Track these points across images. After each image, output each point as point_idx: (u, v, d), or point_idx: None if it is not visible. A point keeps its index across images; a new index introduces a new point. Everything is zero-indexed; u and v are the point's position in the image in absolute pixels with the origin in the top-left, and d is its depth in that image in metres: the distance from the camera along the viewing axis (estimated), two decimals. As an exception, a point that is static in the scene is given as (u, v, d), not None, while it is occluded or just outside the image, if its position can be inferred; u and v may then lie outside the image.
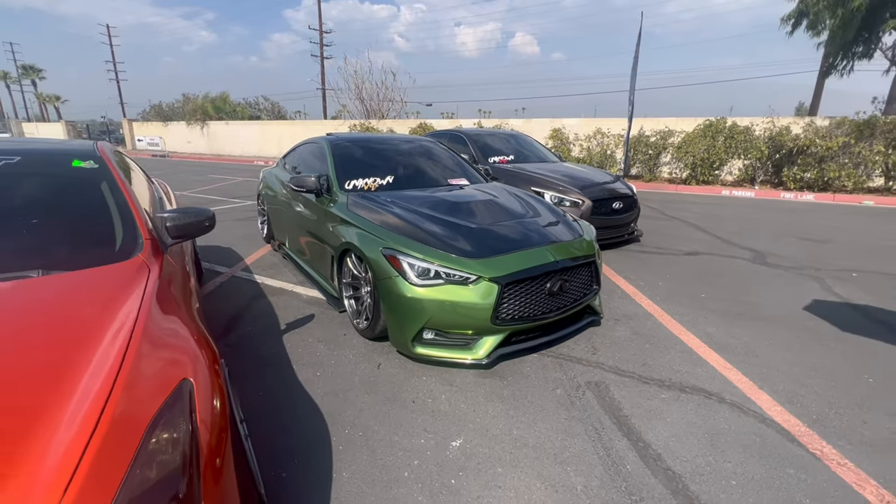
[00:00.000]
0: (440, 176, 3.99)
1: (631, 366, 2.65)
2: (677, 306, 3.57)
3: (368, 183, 3.58)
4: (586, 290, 2.89)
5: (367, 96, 20.45)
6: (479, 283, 2.45)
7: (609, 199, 5.13)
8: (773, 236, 6.13)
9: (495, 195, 3.52)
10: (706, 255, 5.17)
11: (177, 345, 1.40)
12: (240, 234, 5.88)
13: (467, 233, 2.76)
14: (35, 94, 56.07)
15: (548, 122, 14.57)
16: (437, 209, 3.08)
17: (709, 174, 11.48)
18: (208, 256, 4.79)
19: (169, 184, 4.16)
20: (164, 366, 1.26)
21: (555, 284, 2.63)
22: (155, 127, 26.13)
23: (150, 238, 1.88)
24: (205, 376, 1.25)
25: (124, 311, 1.40)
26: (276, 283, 4.01)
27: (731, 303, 3.67)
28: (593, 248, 3.01)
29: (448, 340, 2.54)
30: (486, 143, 6.46)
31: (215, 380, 1.30)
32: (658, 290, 3.96)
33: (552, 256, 2.67)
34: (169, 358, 1.32)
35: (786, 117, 11.56)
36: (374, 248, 2.68)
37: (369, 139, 4.37)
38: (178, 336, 1.44)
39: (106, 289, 1.55)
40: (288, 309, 3.45)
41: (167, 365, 1.26)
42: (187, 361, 1.31)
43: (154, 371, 1.21)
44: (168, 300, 1.63)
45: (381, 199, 3.21)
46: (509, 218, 3.07)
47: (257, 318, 3.28)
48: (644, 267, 4.65)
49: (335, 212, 3.22)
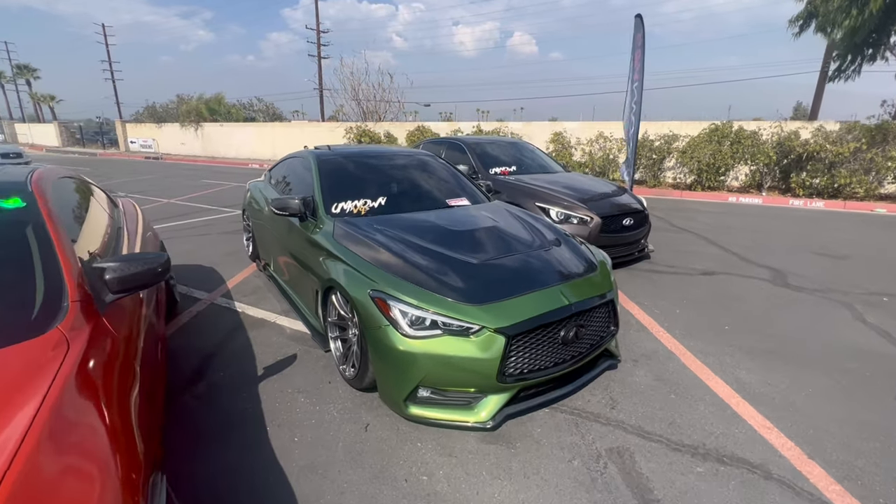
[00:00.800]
0: (439, 196, 3.64)
1: (657, 425, 2.30)
2: (700, 342, 3.23)
3: (358, 206, 3.22)
4: (603, 332, 2.54)
5: (363, 97, 20.07)
6: (483, 333, 2.10)
7: (619, 215, 4.79)
8: (789, 251, 5.80)
9: (498, 220, 3.16)
10: (722, 274, 4.83)
11: (84, 469, 1.05)
12: (225, 251, 5.53)
13: (468, 270, 2.41)
14: (29, 93, 55.45)
15: (548, 125, 14.24)
16: (435, 240, 2.73)
17: (714, 180, 11.16)
18: (187, 278, 4.43)
19: (157, 190, 3.81)
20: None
21: (569, 331, 2.28)
22: (148, 129, 25.70)
23: (79, 300, 1.52)
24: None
25: (14, 418, 1.05)
26: (257, 313, 3.65)
27: (759, 337, 3.33)
28: (610, 283, 2.66)
29: (446, 399, 2.19)
30: (487, 153, 6.11)
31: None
32: (676, 319, 3.62)
33: (566, 298, 2.32)
34: (67, 495, 0.97)
35: (794, 122, 11.25)
36: (362, 290, 2.32)
37: (360, 153, 4.01)
38: (90, 454, 1.08)
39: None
40: (268, 347, 3.10)
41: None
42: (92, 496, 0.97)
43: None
44: (91, 390, 1.28)
45: (372, 228, 2.85)
46: (515, 249, 2.71)
47: (232, 360, 2.93)
48: (658, 290, 4.30)
49: (320, 241, 2.86)
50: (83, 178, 2.85)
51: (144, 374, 1.68)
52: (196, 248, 5.67)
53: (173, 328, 3.36)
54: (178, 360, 2.89)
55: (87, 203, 2.53)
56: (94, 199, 2.67)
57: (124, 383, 1.46)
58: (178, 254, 5.30)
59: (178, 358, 2.93)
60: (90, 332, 1.45)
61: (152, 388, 1.82)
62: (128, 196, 5.26)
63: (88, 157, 23.64)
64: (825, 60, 16.95)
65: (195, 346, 3.10)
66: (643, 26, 6.59)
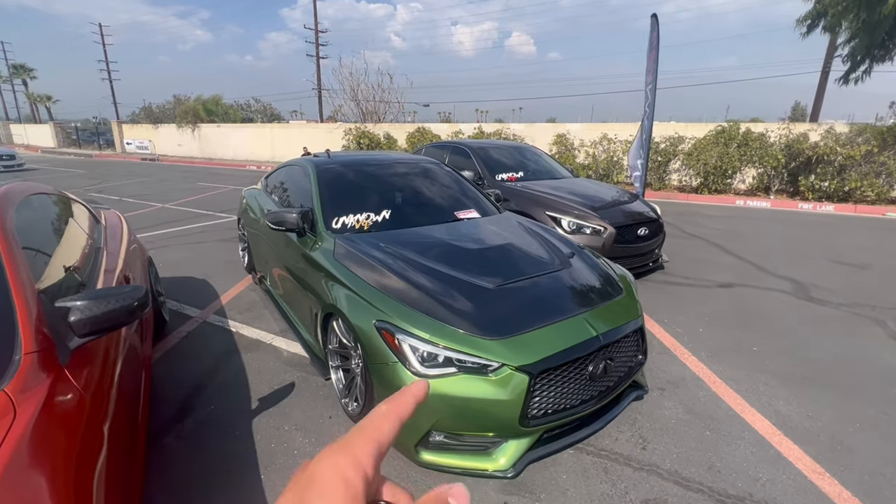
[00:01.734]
0: (446, 207, 3.40)
1: (695, 470, 2.07)
2: (729, 367, 3.00)
3: (360, 220, 2.98)
4: (631, 362, 2.31)
5: (362, 98, 19.82)
6: (503, 372, 1.87)
7: (633, 224, 4.56)
8: (806, 260, 5.58)
9: (512, 236, 2.93)
10: (741, 286, 4.60)
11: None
12: (221, 260, 5.28)
13: (484, 297, 2.17)
14: (26, 94, 55.01)
15: (551, 126, 14.02)
16: (445, 260, 2.49)
17: (721, 182, 10.95)
18: (179, 293, 4.19)
19: (152, 193, 3.56)
20: None
21: (598, 366, 2.05)
22: (145, 129, 25.41)
23: (35, 350, 1.28)
24: None
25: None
26: (252, 333, 3.41)
27: (790, 360, 3.10)
28: (638, 308, 2.43)
29: (462, 444, 1.96)
30: (493, 158, 5.88)
31: None
32: (701, 339, 3.39)
33: (593, 328, 2.09)
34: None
35: (802, 123, 11.05)
36: (367, 319, 2.09)
37: (362, 161, 3.77)
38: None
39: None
40: (263, 374, 2.86)
41: None
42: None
43: None
44: (42, 469, 1.05)
45: (376, 247, 2.61)
46: (533, 270, 2.47)
47: (224, 390, 2.69)
48: (677, 305, 4.07)
49: (320, 260, 2.63)
50: (62, 194, 2.59)
51: (118, 431, 1.44)
52: (190, 257, 5.43)
53: (160, 352, 3.12)
54: (163, 392, 2.65)
55: (62, 223, 2.28)
56: (71, 218, 2.42)
57: (89, 452, 1.22)
58: (170, 264, 5.06)
59: (164, 389, 2.69)
60: (47, 392, 1.21)
61: (129, 444, 1.59)
62: (122, 200, 5.03)
63: (84, 159, 23.33)
64: (826, 60, 16.77)
65: (183, 374, 2.86)
66: (658, 25, 6.36)
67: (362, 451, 0.29)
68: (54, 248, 2.00)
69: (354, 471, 0.28)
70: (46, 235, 2.07)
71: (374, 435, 0.30)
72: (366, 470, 0.28)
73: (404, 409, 0.33)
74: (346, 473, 0.28)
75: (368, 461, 0.29)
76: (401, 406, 0.33)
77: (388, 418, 0.32)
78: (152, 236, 6.49)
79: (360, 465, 0.28)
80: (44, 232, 2.07)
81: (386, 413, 0.32)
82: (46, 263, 1.80)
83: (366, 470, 0.28)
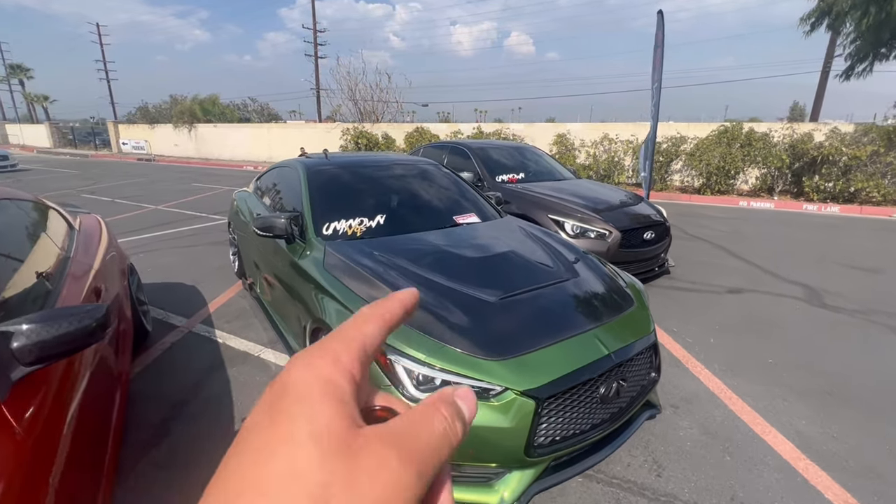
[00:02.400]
0: (444, 212, 3.22)
1: (717, 500, 1.90)
2: (744, 381, 2.83)
3: (353, 226, 2.81)
4: (644, 381, 2.14)
5: (360, 98, 19.64)
6: (506, 397, 1.69)
7: (639, 228, 4.39)
8: (815, 263, 5.41)
9: (514, 242, 2.75)
10: (751, 292, 4.43)
11: None
12: (212, 265, 5.09)
13: (485, 311, 2.00)
14: (23, 93, 54.74)
15: (551, 126, 13.85)
16: (442, 270, 2.32)
17: (724, 183, 10.79)
18: (165, 300, 4.00)
19: (145, 194, 3.38)
20: None
21: (610, 387, 1.87)
22: (141, 129, 25.18)
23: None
24: None
25: None
26: (240, 345, 3.23)
27: (809, 373, 2.93)
28: (650, 320, 2.26)
29: (461, 475, 1.78)
30: (493, 159, 5.70)
31: None
32: (712, 351, 3.22)
33: (604, 346, 1.92)
34: None
35: (806, 123, 10.90)
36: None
37: (356, 163, 3.59)
38: None
39: None
40: (250, 390, 2.68)
41: None
42: None
43: None
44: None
45: (369, 255, 2.44)
46: (537, 281, 2.30)
47: (206, 409, 2.51)
48: (685, 312, 3.90)
49: (309, 270, 2.45)
50: (36, 199, 2.41)
51: (73, 478, 1.26)
52: (179, 261, 5.24)
53: (141, 365, 2.94)
54: (141, 410, 2.47)
55: (29, 232, 2.10)
56: (41, 225, 2.24)
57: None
58: (159, 269, 4.88)
59: (142, 407, 2.51)
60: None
61: (89, 487, 1.41)
62: (114, 201, 4.83)
63: (80, 159, 23.09)
64: (827, 60, 16.63)
65: (164, 390, 2.68)
66: (664, 23, 6.18)
67: (344, 351, 0.24)
68: (15, 259, 1.82)
69: (337, 371, 0.23)
70: (7, 246, 1.89)
71: (355, 336, 0.26)
72: (351, 371, 0.24)
73: (391, 313, 0.28)
74: (327, 373, 0.23)
75: (353, 363, 0.24)
76: (386, 309, 0.28)
77: (372, 320, 0.27)
78: (142, 239, 6.31)
79: (342, 365, 0.24)
80: (5, 242, 1.89)
81: (369, 315, 0.28)
82: (2, 277, 1.62)
83: (351, 371, 0.24)
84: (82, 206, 7.25)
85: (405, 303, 0.29)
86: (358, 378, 0.24)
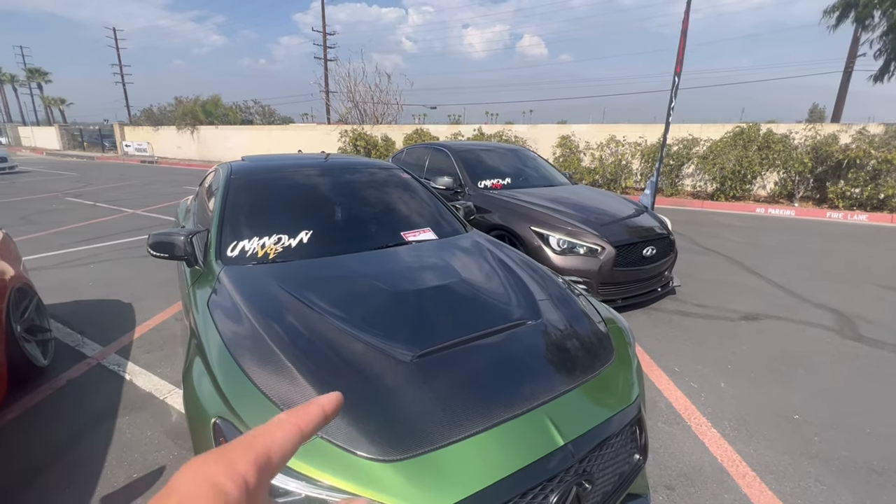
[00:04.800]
0: (391, 226, 2.66)
1: None
2: (764, 447, 2.20)
3: (268, 245, 2.25)
4: (625, 467, 1.54)
5: (360, 99, 19.21)
6: (400, 521, 1.11)
7: (638, 242, 3.77)
8: (847, 282, 4.71)
9: (464, 269, 2.16)
10: (770, 319, 3.78)
11: None
12: (162, 279, 4.59)
13: (391, 377, 1.42)
14: (41, 96, 55.83)
15: (555, 128, 13.21)
16: (356, 307, 1.75)
17: (740, 188, 10.03)
18: (89, 321, 3.51)
19: (130, 197, 2.90)
20: None
21: (564, 494, 1.28)
22: (145, 132, 25.15)
23: None
24: None
25: None
26: (147, 384, 2.70)
27: (849, 436, 2.29)
28: (632, 384, 1.65)
29: None
30: (477, 161, 5.12)
31: None
32: (723, 400, 2.60)
33: (558, 433, 1.32)
34: None
35: (831, 124, 10.10)
36: (203, 414, 1.35)
37: (294, 165, 3.04)
38: None
39: None
40: (130, 451, 2.14)
41: None
42: None
43: None
44: None
45: (264, 287, 1.88)
46: (479, 325, 1.69)
47: (65, 480, 1.96)
48: (690, 345, 3.27)
49: (197, 303, 1.90)
50: None
51: None
52: (128, 276, 4.76)
53: (17, 411, 2.42)
54: (-15, 479, 1.95)
55: None
56: None
57: None
58: (100, 284, 4.40)
59: (-11, 473, 1.98)
60: None
61: None
62: (96, 205, 4.32)
63: (85, 161, 23.10)
64: (849, 59, 15.69)
65: (30, 447, 2.15)
66: (690, 4, 5.58)
67: (242, 457, 0.23)
68: None
69: (229, 477, 0.22)
70: None
71: (260, 442, 0.24)
72: (245, 478, 0.22)
73: (307, 421, 0.27)
74: (217, 480, 0.22)
75: (249, 469, 0.23)
76: (303, 417, 0.27)
77: (284, 427, 0.26)
78: (100, 248, 5.86)
79: (236, 471, 0.22)
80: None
81: (282, 422, 0.26)
82: None
83: (245, 478, 0.22)
84: (59, 210, 6.64)
85: (326, 409, 0.29)
86: (253, 485, 0.23)
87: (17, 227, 6.93)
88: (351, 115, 19.78)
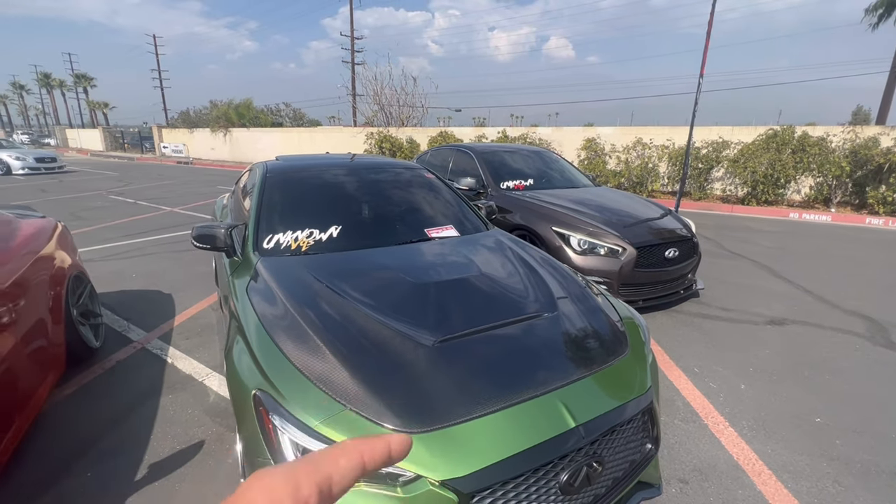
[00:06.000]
0: (415, 223, 2.78)
1: None
2: (782, 448, 2.20)
3: (300, 238, 2.40)
4: (635, 456, 1.60)
5: (385, 102, 19.54)
6: (419, 487, 1.22)
7: (660, 244, 3.77)
8: (881, 290, 4.56)
9: (485, 264, 2.26)
10: (797, 324, 3.71)
11: None
12: (198, 272, 4.87)
13: (414, 358, 1.53)
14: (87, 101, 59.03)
15: (580, 130, 13.12)
16: (382, 296, 1.87)
17: (772, 193, 9.74)
18: (134, 309, 3.77)
19: (168, 196, 3.16)
20: None
21: (576, 472, 1.36)
22: (181, 134, 26.26)
23: None
24: None
25: None
26: (187, 367, 2.90)
27: (873, 441, 2.26)
28: (647, 375, 1.71)
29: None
30: (500, 163, 5.20)
31: None
32: (742, 401, 2.59)
33: (570, 415, 1.40)
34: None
35: (871, 127, 9.69)
36: (246, 385, 1.49)
37: (324, 165, 3.20)
38: None
39: None
40: (173, 426, 2.32)
41: None
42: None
43: None
44: None
45: (298, 275, 2.03)
46: (497, 315, 1.79)
47: (118, 448, 2.16)
48: (711, 348, 3.26)
49: (236, 290, 2.07)
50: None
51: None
52: (167, 268, 5.05)
53: (74, 387, 2.65)
54: (49, 441, 2.16)
55: None
56: None
57: None
58: (143, 275, 4.70)
59: (53, 437, 2.20)
60: None
61: None
62: (136, 203, 4.67)
63: (126, 162, 24.30)
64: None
65: (83, 421, 2.36)
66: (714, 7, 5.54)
67: (307, 481, 0.24)
68: None
69: (292, 501, 0.23)
70: None
71: (325, 467, 0.25)
72: (307, 502, 0.24)
73: (371, 455, 0.27)
74: (282, 500, 0.23)
75: (312, 495, 0.24)
76: (368, 450, 0.27)
77: (349, 455, 0.27)
78: (143, 242, 6.23)
79: (300, 496, 0.24)
80: None
81: (348, 449, 0.27)
82: None
83: (307, 502, 0.24)
84: (103, 207, 7.03)
85: (392, 448, 0.28)
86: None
87: (68, 222, 7.38)
88: (377, 117, 20.17)
